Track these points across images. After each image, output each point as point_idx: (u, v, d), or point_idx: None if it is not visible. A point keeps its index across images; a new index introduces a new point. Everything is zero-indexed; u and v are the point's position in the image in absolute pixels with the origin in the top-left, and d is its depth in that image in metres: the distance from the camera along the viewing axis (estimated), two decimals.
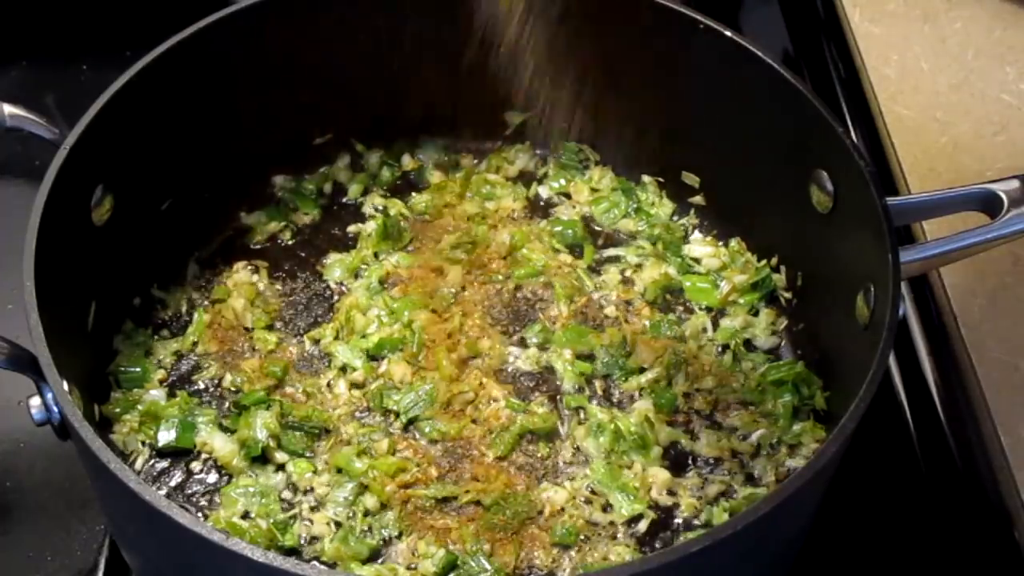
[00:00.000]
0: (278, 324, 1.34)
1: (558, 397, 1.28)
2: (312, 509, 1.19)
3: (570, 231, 1.43)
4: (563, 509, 1.19)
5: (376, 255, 1.40)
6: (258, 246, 1.42)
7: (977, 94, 1.59)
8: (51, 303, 1.05)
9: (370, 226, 1.43)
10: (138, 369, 1.28)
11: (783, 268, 1.37)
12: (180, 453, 1.23)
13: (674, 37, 1.33)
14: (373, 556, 1.16)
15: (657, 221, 1.44)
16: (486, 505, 1.18)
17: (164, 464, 1.23)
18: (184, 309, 1.35)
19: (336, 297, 1.36)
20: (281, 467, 1.21)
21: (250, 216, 1.44)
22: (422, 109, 1.47)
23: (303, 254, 1.42)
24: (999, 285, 1.37)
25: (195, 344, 1.31)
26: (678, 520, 1.20)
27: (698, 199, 1.45)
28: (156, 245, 1.33)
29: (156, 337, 1.32)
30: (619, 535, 1.18)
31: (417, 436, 1.24)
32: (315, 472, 1.21)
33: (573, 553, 1.16)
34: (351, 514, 1.18)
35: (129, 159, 1.25)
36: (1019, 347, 1.32)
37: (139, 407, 1.24)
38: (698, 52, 1.32)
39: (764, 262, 1.38)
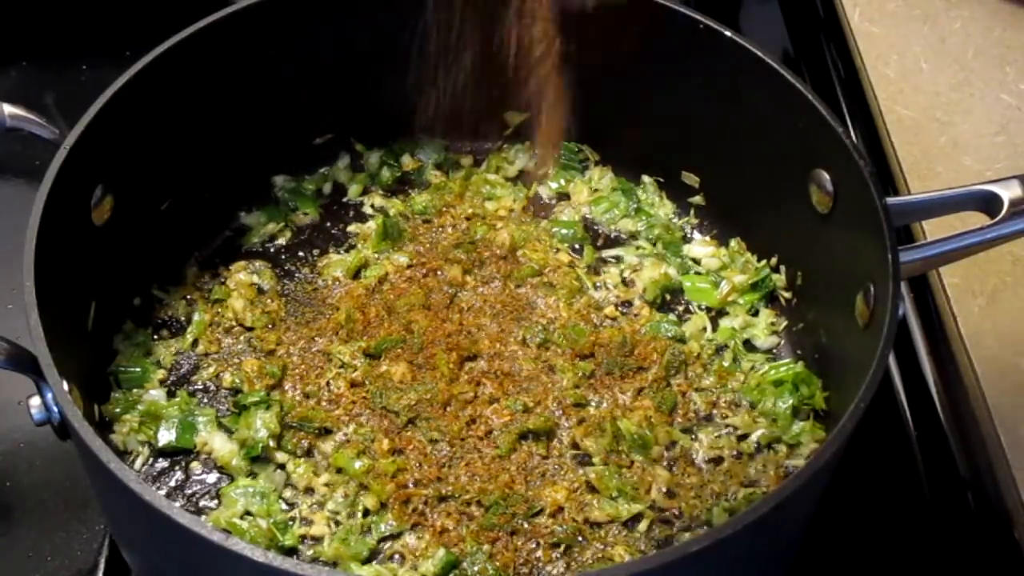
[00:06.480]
0: (278, 324, 1.34)
1: (558, 397, 1.27)
2: (312, 509, 1.19)
3: (570, 231, 1.43)
4: (563, 509, 1.19)
5: (376, 255, 1.40)
6: (258, 246, 1.42)
7: (977, 94, 1.59)
8: (51, 303, 1.05)
9: (370, 226, 1.43)
10: (138, 369, 1.28)
11: (783, 268, 1.37)
12: (180, 453, 1.23)
13: (674, 37, 1.33)
14: (373, 556, 1.16)
15: (657, 221, 1.44)
16: (486, 505, 1.18)
17: (164, 464, 1.23)
18: (184, 309, 1.35)
19: (336, 297, 1.36)
20: (281, 467, 1.22)
21: (250, 216, 1.44)
22: (422, 109, 1.47)
23: (303, 254, 1.42)
24: (999, 285, 1.37)
25: (195, 344, 1.32)
26: (678, 520, 1.20)
27: (698, 199, 1.45)
28: (156, 245, 1.33)
29: (156, 337, 1.32)
30: (619, 535, 1.18)
31: (417, 436, 1.24)
32: (315, 472, 1.21)
33: (573, 553, 1.16)
34: (351, 514, 1.18)
35: (129, 159, 1.25)
36: (1019, 347, 1.32)
37: (139, 407, 1.24)
38: (698, 52, 1.32)
39: (764, 262, 1.38)
